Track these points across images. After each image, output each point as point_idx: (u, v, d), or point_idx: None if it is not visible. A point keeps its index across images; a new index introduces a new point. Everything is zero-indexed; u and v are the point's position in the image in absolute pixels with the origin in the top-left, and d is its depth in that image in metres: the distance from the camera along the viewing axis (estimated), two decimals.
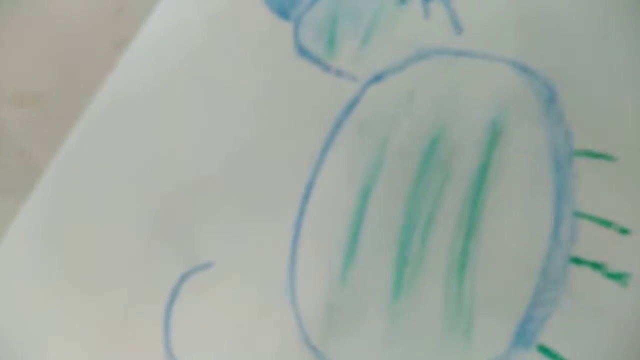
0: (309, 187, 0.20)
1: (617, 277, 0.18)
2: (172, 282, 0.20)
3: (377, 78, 0.21)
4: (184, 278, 0.20)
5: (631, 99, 0.20)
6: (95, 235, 0.20)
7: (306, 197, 0.20)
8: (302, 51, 0.22)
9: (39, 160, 0.23)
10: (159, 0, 0.24)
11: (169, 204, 0.21)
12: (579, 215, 0.18)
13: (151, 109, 0.22)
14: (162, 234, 0.20)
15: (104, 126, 0.22)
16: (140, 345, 0.20)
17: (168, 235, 0.20)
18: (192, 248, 0.20)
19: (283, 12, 0.23)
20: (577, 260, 0.18)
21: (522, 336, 0.18)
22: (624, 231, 0.18)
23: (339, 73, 0.22)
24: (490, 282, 0.18)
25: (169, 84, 0.22)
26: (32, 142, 0.23)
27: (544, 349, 0.17)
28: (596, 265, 0.18)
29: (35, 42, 0.25)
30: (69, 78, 0.24)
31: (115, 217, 0.21)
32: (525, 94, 0.20)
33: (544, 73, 0.21)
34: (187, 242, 0.20)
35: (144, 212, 0.21)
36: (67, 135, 0.23)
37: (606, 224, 0.18)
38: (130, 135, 0.22)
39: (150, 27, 0.23)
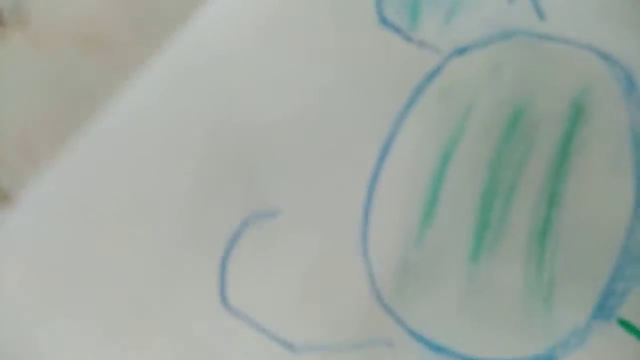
0: (388, 144, 0.20)
1: None
2: (234, 226, 0.19)
3: (461, 51, 0.22)
4: (246, 222, 0.19)
5: None
6: (158, 160, 0.20)
7: (384, 153, 0.20)
8: (385, 21, 0.22)
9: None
10: None
11: (239, 146, 0.20)
12: None
13: (233, 52, 0.22)
14: (228, 174, 0.20)
15: (180, 67, 0.22)
16: (194, 290, 0.19)
17: (235, 175, 0.20)
18: (259, 192, 0.20)
19: None
20: None
21: (603, 309, 0.17)
22: None
23: (421, 44, 0.22)
24: (572, 252, 0.18)
25: (250, 34, 0.22)
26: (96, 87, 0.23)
27: (624, 323, 0.17)
28: None
29: None
30: (139, 22, 0.24)
31: (182, 151, 0.20)
32: (605, 78, 0.21)
33: (624, 60, 0.21)
34: (254, 185, 0.20)
35: (212, 151, 0.20)
36: (133, 78, 0.23)
37: None
38: (210, 73, 0.22)
39: None
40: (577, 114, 0.20)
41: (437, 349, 0.18)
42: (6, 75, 0.24)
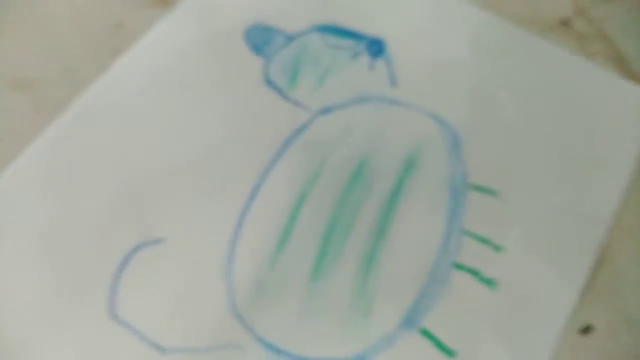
0: (256, 187, 0.25)
1: (488, 282, 0.23)
2: (126, 250, 0.23)
3: (325, 111, 0.26)
4: (136, 249, 0.23)
5: (515, 151, 0.26)
6: (68, 199, 0.24)
7: (253, 195, 0.24)
8: (269, 82, 0.27)
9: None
10: (155, 22, 0.29)
11: (136, 185, 0.25)
12: (465, 232, 0.23)
13: (134, 106, 0.26)
14: (125, 208, 0.24)
15: (93, 114, 0.26)
16: (87, 303, 0.23)
17: (129, 211, 0.24)
18: (148, 224, 0.24)
19: (258, 49, 0.28)
20: (459, 266, 0.23)
21: (409, 320, 0.22)
22: (497, 248, 0.23)
23: (295, 103, 0.27)
24: (389, 276, 0.23)
25: (153, 89, 0.27)
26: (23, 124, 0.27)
27: (425, 332, 0.22)
28: (473, 271, 0.23)
29: (39, 35, 0.29)
30: (64, 70, 0.29)
31: (88, 185, 0.25)
32: (436, 137, 0.26)
33: (453, 123, 0.26)
34: (145, 219, 0.24)
35: (113, 188, 0.25)
36: (55, 119, 0.27)
37: (484, 241, 0.23)
38: (114, 126, 0.26)
39: (144, 41, 0.28)
40: (409, 167, 0.25)
41: (278, 351, 0.22)
42: None
